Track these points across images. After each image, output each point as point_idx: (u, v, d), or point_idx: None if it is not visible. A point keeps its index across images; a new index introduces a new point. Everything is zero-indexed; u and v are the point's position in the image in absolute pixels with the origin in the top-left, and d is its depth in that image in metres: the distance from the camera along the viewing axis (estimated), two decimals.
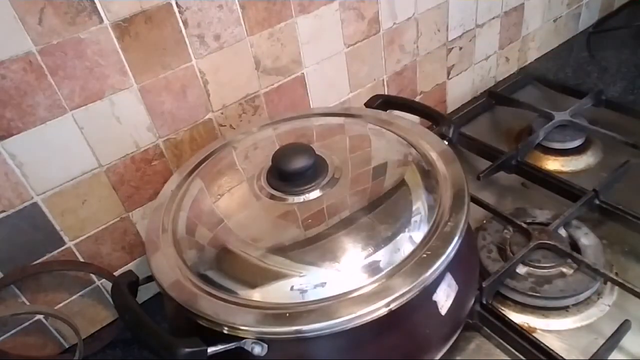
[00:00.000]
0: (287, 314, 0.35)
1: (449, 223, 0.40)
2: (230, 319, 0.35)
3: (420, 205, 0.42)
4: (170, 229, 0.44)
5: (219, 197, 0.45)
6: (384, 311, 0.35)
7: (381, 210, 0.42)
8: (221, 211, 0.44)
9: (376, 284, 0.36)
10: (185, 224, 0.44)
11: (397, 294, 0.35)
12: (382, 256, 0.38)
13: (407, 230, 0.40)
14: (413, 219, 0.41)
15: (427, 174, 0.45)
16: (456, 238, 0.39)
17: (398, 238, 0.39)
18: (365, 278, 0.37)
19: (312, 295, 0.36)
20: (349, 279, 0.37)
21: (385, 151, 0.49)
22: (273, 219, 0.42)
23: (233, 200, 0.45)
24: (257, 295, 0.37)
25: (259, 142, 0.52)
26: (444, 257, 0.37)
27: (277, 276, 0.37)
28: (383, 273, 0.37)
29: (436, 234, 0.39)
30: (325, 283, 0.37)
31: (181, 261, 0.41)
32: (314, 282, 0.37)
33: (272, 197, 0.43)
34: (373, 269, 0.37)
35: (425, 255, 0.38)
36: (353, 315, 0.34)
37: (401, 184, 0.44)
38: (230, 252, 0.40)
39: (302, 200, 0.42)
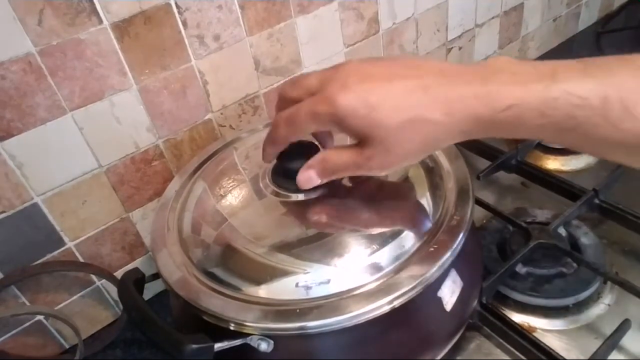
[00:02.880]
0: (298, 310, 0.35)
1: (455, 217, 0.40)
2: (236, 315, 0.35)
3: (425, 202, 0.42)
4: (175, 228, 0.44)
5: (223, 196, 0.45)
6: (389, 307, 0.35)
7: (386, 206, 0.42)
8: (226, 210, 0.44)
9: (382, 280, 0.36)
10: (191, 223, 0.44)
11: (403, 290, 0.35)
12: (388, 252, 0.38)
13: (412, 226, 0.40)
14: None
15: (431, 171, 0.45)
16: (463, 231, 0.39)
17: (403, 234, 0.39)
18: (371, 274, 0.37)
19: (317, 292, 0.36)
20: (354, 276, 0.37)
21: None
22: (278, 216, 0.42)
23: (237, 199, 0.45)
24: (262, 292, 0.37)
25: (260, 141, 0.51)
26: (451, 250, 0.37)
27: (282, 273, 0.38)
28: (389, 269, 0.37)
29: (442, 228, 0.39)
30: (330, 280, 0.37)
31: (187, 259, 0.41)
32: (319, 279, 0.37)
33: (276, 194, 0.43)
34: (378, 265, 0.37)
35: (432, 249, 0.38)
36: (359, 312, 0.34)
37: (405, 180, 0.44)
38: (236, 250, 0.40)
39: (306, 197, 0.42)
